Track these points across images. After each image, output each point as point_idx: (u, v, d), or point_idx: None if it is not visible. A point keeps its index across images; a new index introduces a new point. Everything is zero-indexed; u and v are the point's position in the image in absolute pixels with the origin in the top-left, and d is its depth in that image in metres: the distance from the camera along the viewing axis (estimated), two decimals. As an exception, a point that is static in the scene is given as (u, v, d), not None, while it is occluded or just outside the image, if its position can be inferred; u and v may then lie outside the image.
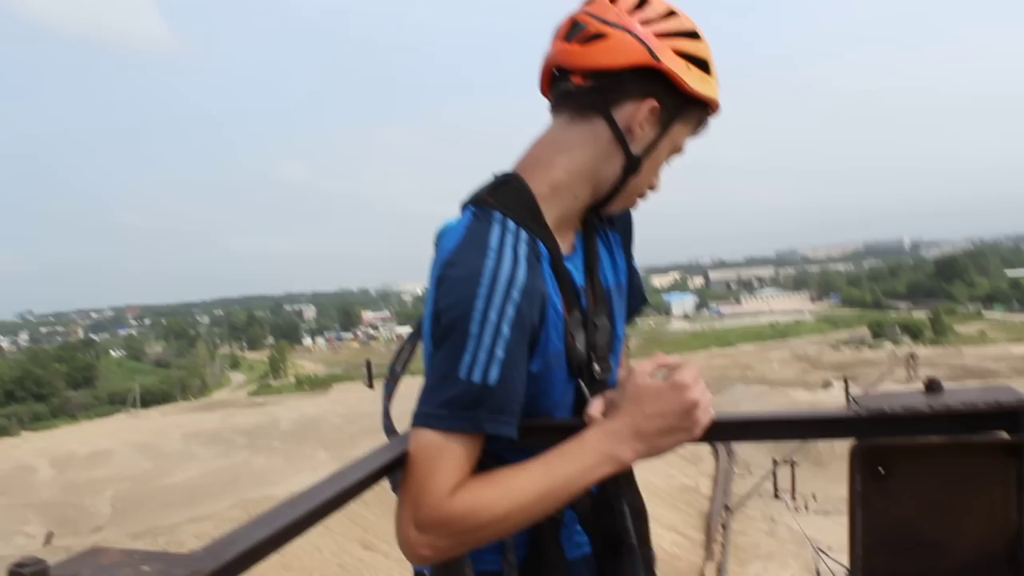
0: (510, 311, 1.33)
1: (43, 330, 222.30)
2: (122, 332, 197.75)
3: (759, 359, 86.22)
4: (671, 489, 23.31)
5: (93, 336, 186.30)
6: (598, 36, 1.47)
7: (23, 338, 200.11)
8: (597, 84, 1.48)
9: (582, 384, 1.54)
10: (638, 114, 1.48)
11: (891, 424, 1.39)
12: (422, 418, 1.32)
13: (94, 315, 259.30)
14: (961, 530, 1.39)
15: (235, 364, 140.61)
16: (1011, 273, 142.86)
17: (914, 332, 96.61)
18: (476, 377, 1.30)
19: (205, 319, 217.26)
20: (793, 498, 24.23)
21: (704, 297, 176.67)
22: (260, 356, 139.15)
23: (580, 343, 1.52)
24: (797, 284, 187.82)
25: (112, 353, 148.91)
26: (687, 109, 1.51)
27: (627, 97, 1.48)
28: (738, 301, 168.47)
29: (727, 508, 21.70)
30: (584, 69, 1.48)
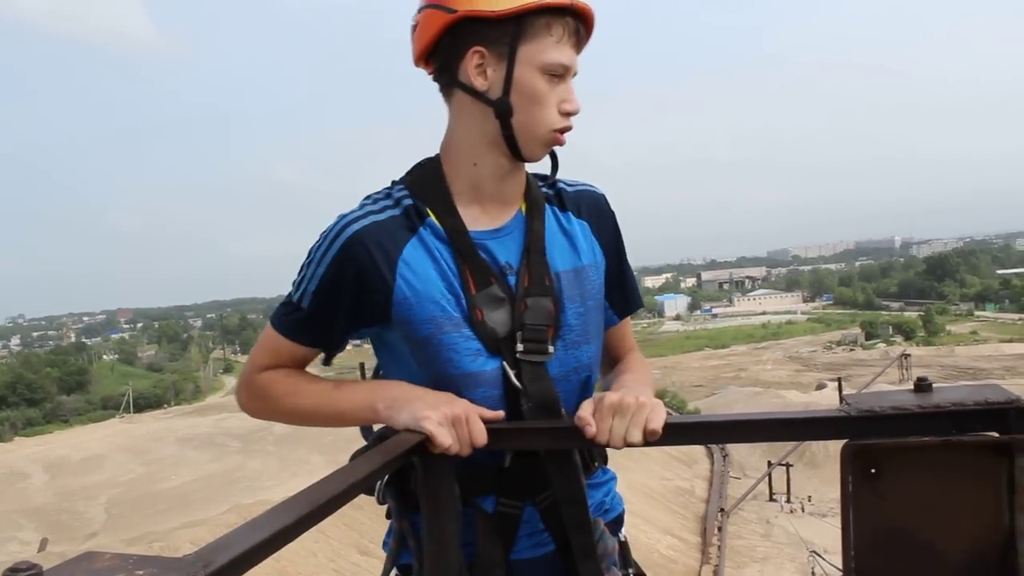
0: (328, 256, 1.57)
1: (35, 334, 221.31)
2: (114, 336, 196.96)
3: (752, 360, 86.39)
4: (666, 492, 23.31)
5: (85, 340, 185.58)
6: (415, 27, 1.62)
7: (15, 343, 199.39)
8: (436, 64, 1.62)
9: (505, 365, 1.59)
10: (469, 66, 1.56)
11: (881, 424, 1.40)
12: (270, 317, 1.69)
13: (86, 319, 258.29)
14: (953, 530, 1.39)
15: (228, 368, 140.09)
16: (1002, 272, 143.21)
17: (907, 332, 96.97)
18: (295, 298, 1.63)
19: (198, 322, 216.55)
20: (788, 500, 24.26)
21: (697, 298, 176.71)
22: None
23: (495, 320, 1.59)
24: (789, 284, 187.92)
25: (105, 357, 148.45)
26: (515, 29, 1.53)
27: (456, 58, 1.58)
28: (731, 302, 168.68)
29: (722, 511, 21.70)
30: (419, 59, 1.65)
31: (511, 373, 1.59)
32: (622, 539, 1.84)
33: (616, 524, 1.83)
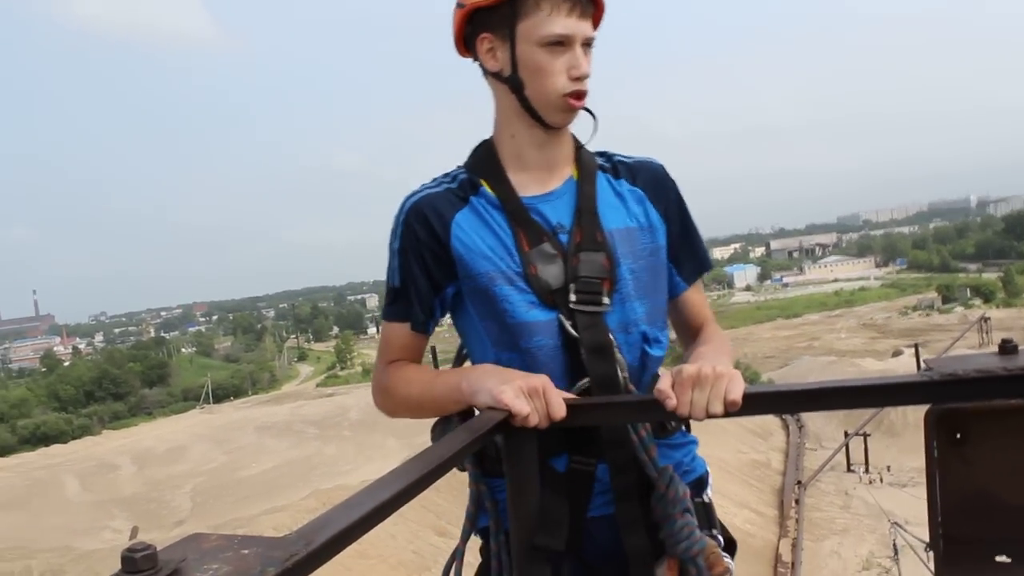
0: (397, 231, 1.79)
1: (116, 331, 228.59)
2: (191, 329, 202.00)
3: (825, 329, 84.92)
4: (742, 465, 23.12)
5: (164, 335, 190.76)
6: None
7: (98, 339, 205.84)
8: (471, 54, 1.80)
9: (560, 316, 1.70)
10: (483, 51, 1.75)
11: (966, 388, 1.37)
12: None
13: (164, 314, 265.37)
14: (1042, 492, 1.37)
15: (302, 356, 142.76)
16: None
17: (985, 294, 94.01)
18: (388, 284, 1.82)
19: (271, 313, 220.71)
20: (867, 471, 23.87)
21: (766, 267, 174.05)
22: (326, 347, 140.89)
23: (548, 274, 1.71)
24: (861, 250, 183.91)
25: (183, 350, 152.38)
26: (510, 12, 1.68)
27: (477, 48, 1.76)
28: (801, 270, 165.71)
29: (800, 483, 21.48)
30: (458, 52, 1.82)
31: (567, 323, 1.70)
32: (707, 500, 1.87)
33: (698, 485, 1.86)
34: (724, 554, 1.71)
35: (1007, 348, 1.43)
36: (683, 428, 1.86)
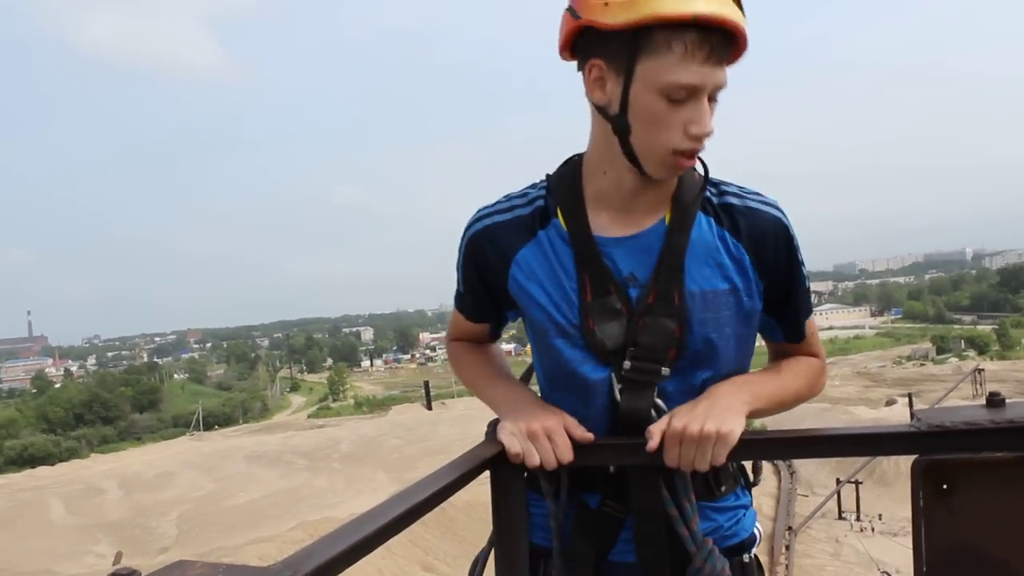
0: (461, 250, 1.72)
1: (109, 354, 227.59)
2: (185, 355, 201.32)
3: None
4: (732, 509, 22.91)
5: (157, 360, 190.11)
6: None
7: (91, 362, 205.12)
8: (577, 64, 1.55)
9: (613, 377, 1.57)
10: (589, 79, 1.50)
11: (953, 439, 1.38)
12: None
13: (157, 339, 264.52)
14: (1028, 547, 1.38)
15: (295, 387, 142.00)
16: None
17: (980, 346, 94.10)
18: (457, 285, 1.78)
19: (265, 342, 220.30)
20: (858, 519, 23.70)
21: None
22: (319, 378, 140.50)
23: (607, 332, 1.56)
24: (857, 298, 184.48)
25: (175, 376, 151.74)
26: (635, 44, 1.41)
27: (583, 68, 1.52)
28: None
29: (790, 529, 21.29)
30: (562, 55, 1.57)
31: (616, 387, 1.57)
32: (746, 561, 1.74)
33: (738, 549, 1.73)
34: None
35: (994, 401, 1.44)
36: (738, 491, 1.74)
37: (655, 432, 1.49)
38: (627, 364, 1.56)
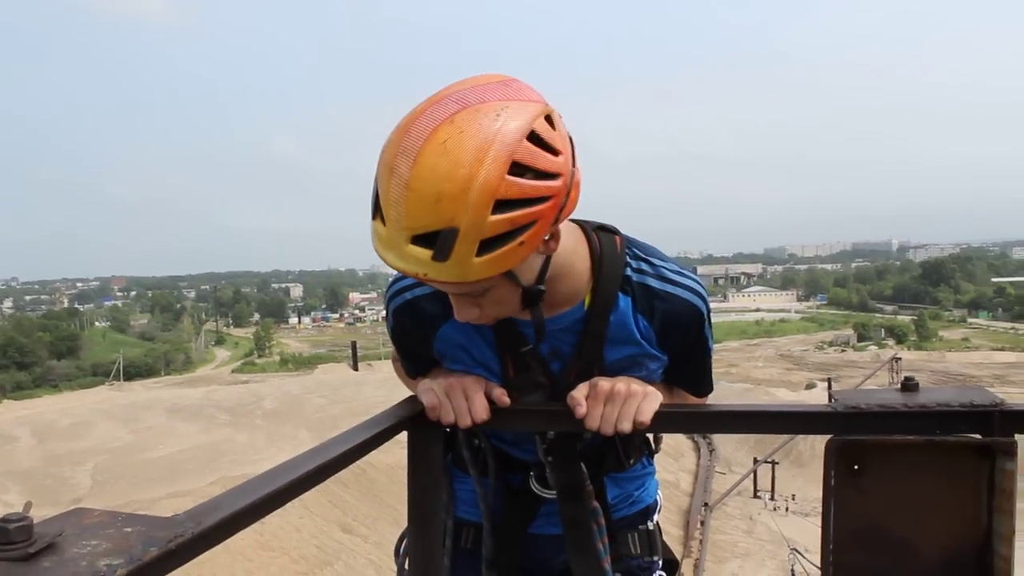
0: (388, 317, 1.72)
1: (28, 298, 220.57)
2: (107, 303, 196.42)
3: (744, 356, 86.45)
4: (651, 482, 23.29)
5: (78, 306, 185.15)
6: None
7: (7, 306, 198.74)
8: None
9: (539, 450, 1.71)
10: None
11: (867, 421, 1.41)
12: None
13: (80, 285, 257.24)
14: (932, 529, 1.41)
15: (220, 340, 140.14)
16: (997, 280, 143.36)
17: (899, 335, 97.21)
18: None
19: (191, 293, 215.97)
20: (772, 498, 24.35)
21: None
22: (245, 333, 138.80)
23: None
24: (785, 282, 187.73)
25: (97, 324, 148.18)
26: None
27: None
28: (725, 297, 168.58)
29: (706, 505, 21.77)
30: None
31: (540, 447, 1.70)
32: (651, 528, 1.93)
33: (644, 514, 1.92)
34: None
35: (908, 385, 1.47)
36: (644, 459, 1.90)
37: (578, 396, 1.50)
38: (551, 435, 1.68)
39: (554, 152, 1.27)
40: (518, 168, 1.23)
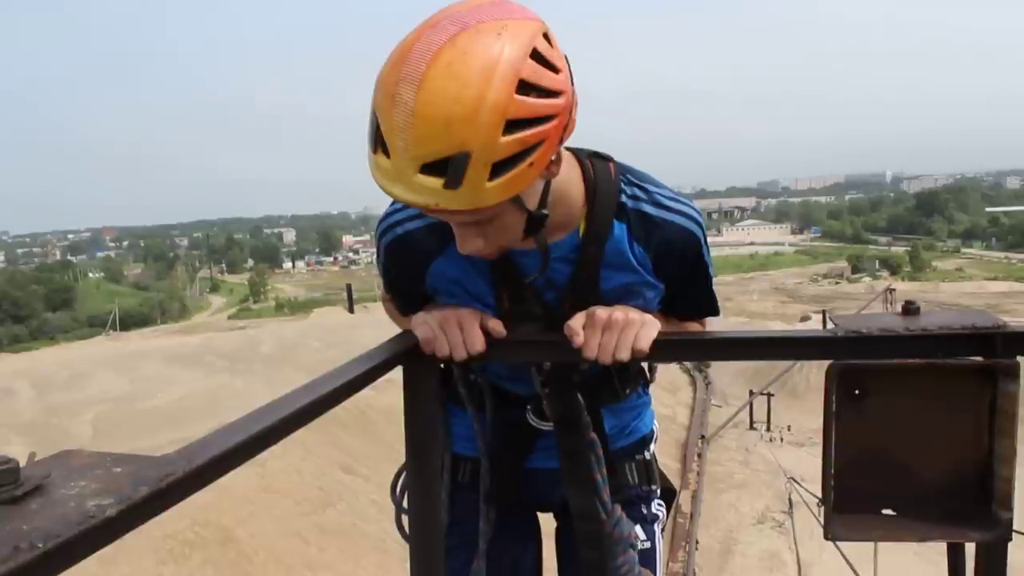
0: (378, 252, 1.71)
1: (20, 251, 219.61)
2: (100, 254, 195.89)
3: (739, 290, 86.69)
4: (648, 417, 23.53)
5: (71, 258, 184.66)
6: None
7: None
8: None
9: (538, 383, 1.72)
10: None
11: (868, 345, 1.40)
12: None
13: (71, 236, 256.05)
14: (933, 452, 1.41)
15: (215, 287, 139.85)
16: (991, 210, 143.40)
17: (893, 267, 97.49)
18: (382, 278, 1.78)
19: (184, 242, 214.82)
20: (768, 429, 24.58)
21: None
22: (240, 279, 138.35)
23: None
24: (778, 216, 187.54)
25: (90, 275, 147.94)
26: None
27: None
28: (719, 231, 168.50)
29: (703, 438, 21.97)
30: None
31: (537, 380, 1.71)
32: (647, 458, 1.95)
33: (640, 444, 1.94)
34: None
35: (910, 310, 1.46)
36: (639, 389, 1.90)
37: (575, 325, 1.48)
38: (547, 366, 1.69)
39: (555, 70, 1.25)
40: (525, 87, 1.20)
